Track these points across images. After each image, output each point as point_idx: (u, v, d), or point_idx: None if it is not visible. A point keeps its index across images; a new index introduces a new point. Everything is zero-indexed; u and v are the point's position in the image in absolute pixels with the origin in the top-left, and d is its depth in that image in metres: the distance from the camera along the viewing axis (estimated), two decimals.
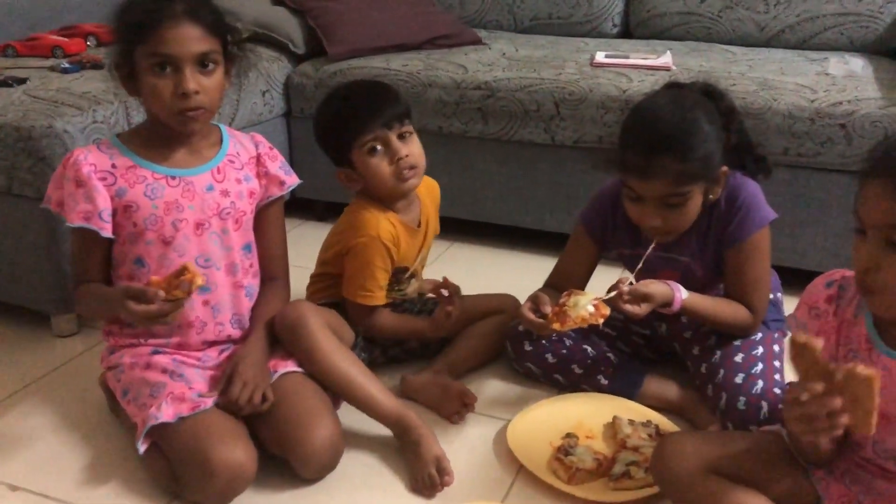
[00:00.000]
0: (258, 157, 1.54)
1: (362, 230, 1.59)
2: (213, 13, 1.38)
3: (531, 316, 1.45)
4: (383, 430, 1.55)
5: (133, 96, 1.43)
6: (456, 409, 1.56)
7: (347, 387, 1.46)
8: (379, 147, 1.58)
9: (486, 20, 2.78)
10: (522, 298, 1.75)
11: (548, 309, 1.43)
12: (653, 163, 1.36)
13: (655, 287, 1.45)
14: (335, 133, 1.61)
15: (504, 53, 2.40)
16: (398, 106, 1.59)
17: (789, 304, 1.69)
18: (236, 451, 1.30)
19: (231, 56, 1.44)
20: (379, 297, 1.62)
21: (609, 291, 1.45)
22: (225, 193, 1.46)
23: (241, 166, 1.51)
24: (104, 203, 1.38)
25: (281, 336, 1.49)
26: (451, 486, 1.39)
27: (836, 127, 1.92)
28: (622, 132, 1.44)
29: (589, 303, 1.40)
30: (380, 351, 1.73)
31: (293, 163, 2.49)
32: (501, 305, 1.79)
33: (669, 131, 1.37)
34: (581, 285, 1.63)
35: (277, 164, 1.56)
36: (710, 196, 1.46)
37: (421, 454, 1.41)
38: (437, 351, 1.73)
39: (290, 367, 1.46)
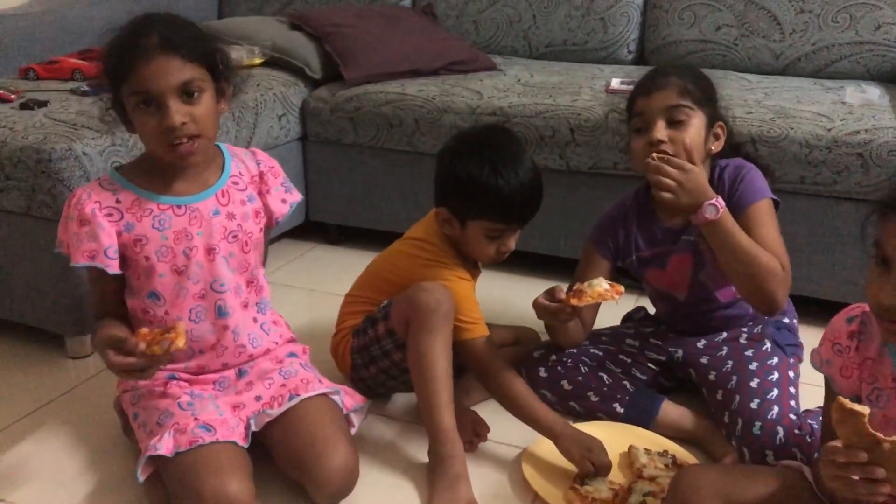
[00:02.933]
0: (260, 175, 1.53)
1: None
2: (193, 39, 1.35)
3: (546, 302, 1.43)
4: (399, 457, 1.54)
5: (133, 133, 1.42)
6: (468, 438, 1.54)
7: (429, 386, 1.44)
8: (499, 235, 1.57)
9: (501, 46, 2.79)
10: (537, 325, 1.75)
11: (563, 296, 1.42)
12: (658, 79, 1.53)
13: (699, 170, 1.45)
14: (473, 199, 1.54)
15: (519, 79, 2.41)
16: (538, 210, 1.59)
17: (804, 333, 1.69)
18: (230, 484, 1.28)
19: (223, 77, 1.41)
20: None
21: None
22: (231, 216, 1.46)
23: (244, 187, 1.50)
24: (109, 240, 1.37)
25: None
26: None
27: (854, 156, 1.91)
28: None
29: (604, 283, 1.41)
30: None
31: (308, 186, 2.51)
32: (520, 337, 1.78)
33: (677, 64, 1.55)
34: (594, 306, 1.64)
35: (279, 181, 1.55)
36: (711, 148, 1.54)
37: (455, 490, 1.40)
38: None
39: (311, 391, 1.44)
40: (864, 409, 0.99)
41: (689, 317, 1.69)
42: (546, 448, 1.51)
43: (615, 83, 2.31)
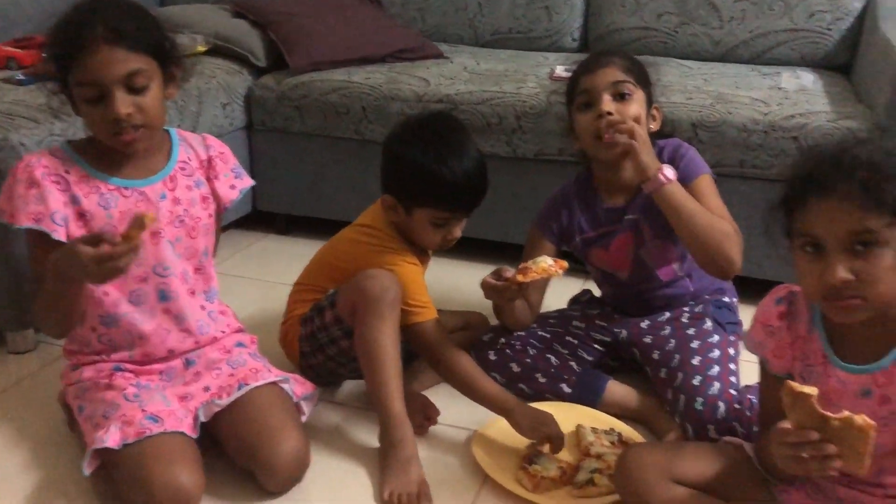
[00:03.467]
0: (210, 160, 1.52)
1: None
2: (139, 28, 1.33)
3: (493, 280, 1.47)
4: (350, 443, 1.55)
5: (80, 116, 1.40)
6: (418, 421, 1.56)
7: (378, 372, 1.45)
8: (443, 223, 1.58)
9: (447, 34, 2.80)
10: (487, 310, 1.77)
11: (509, 274, 1.45)
12: (601, 58, 1.61)
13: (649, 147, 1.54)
14: (417, 187, 1.55)
15: (465, 67, 2.43)
16: (483, 198, 1.60)
17: (744, 311, 1.74)
18: (180, 475, 1.28)
19: (171, 65, 1.40)
20: None
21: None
22: (177, 201, 1.44)
23: (191, 172, 1.49)
24: (56, 205, 1.35)
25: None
26: None
27: (789, 139, 1.97)
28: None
29: (547, 259, 1.46)
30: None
31: (254, 175, 2.45)
32: (469, 322, 1.80)
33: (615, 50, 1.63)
34: (543, 285, 1.69)
35: (229, 167, 1.54)
36: (651, 127, 1.61)
37: (408, 472, 1.41)
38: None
39: (260, 380, 1.44)
40: (813, 391, 1.03)
41: (632, 296, 1.73)
42: (496, 430, 1.54)
43: (560, 70, 2.34)
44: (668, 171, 1.51)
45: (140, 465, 1.28)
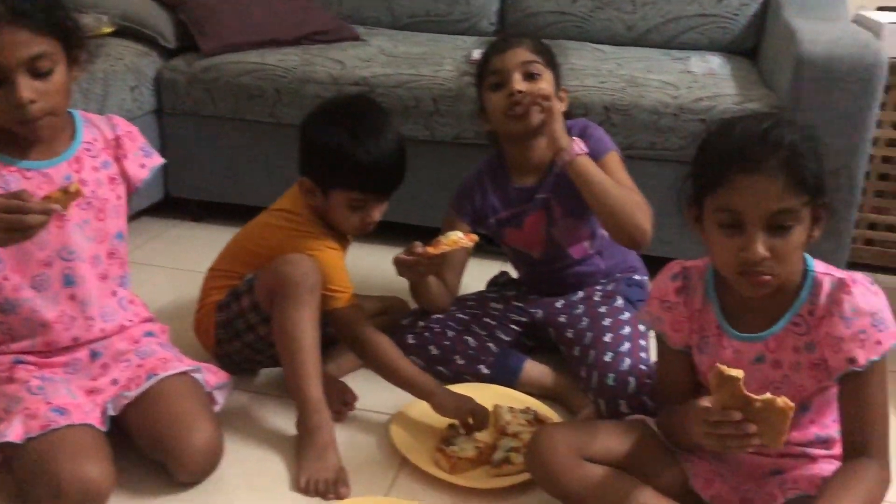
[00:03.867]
0: (117, 140, 1.47)
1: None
2: (42, 8, 1.27)
3: (404, 256, 1.49)
4: (266, 431, 1.53)
5: None
6: (336, 407, 1.55)
7: (296, 359, 1.43)
8: (360, 206, 1.56)
9: (364, 16, 2.76)
10: (407, 295, 1.77)
11: (420, 249, 1.48)
12: (511, 39, 1.64)
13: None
14: (333, 168, 1.53)
15: (383, 50, 2.41)
16: (402, 181, 1.59)
17: None
18: (89, 469, 1.24)
19: (75, 47, 1.35)
20: None
21: None
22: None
23: (97, 153, 1.44)
24: None
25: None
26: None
27: (698, 122, 2.02)
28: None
29: (459, 233, 1.50)
30: None
31: (167, 161, 2.40)
32: (389, 307, 1.80)
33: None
34: (460, 267, 1.74)
35: (138, 146, 1.50)
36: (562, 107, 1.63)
37: (325, 459, 1.40)
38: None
39: (170, 370, 1.40)
40: (739, 373, 1.06)
41: (546, 275, 1.76)
42: (414, 413, 1.54)
43: (477, 54, 2.33)
44: (580, 144, 1.55)
45: (46, 459, 1.23)
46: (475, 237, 1.50)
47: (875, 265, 2.33)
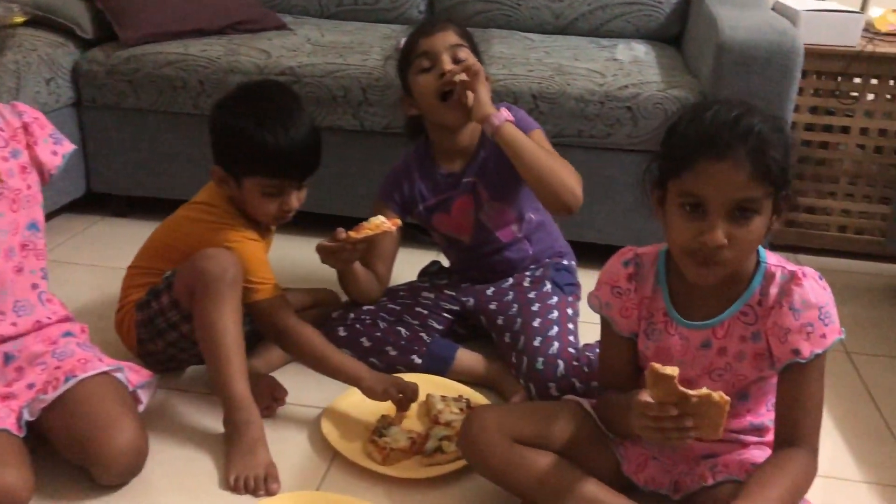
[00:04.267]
0: (25, 127, 1.42)
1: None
2: None
3: (327, 242, 1.49)
4: (194, 430, 1.50)
5: None
6: (266, 403, 1.52)
7: (220, 355, 1.40)
8: (276, 192, 1.52)
9: (291, 5, 2.71)
10: (337, 287, 1.75)
11: (343, 235, 1.48)
12: (437, 22, 1.65)
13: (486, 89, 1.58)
14: (241, 154, 1.50)
15: (309, 39, 2.37)
16: (317, 166, 1.56)
17: (582, 274, 1.81)
18: (6, 474, 1.19)
19: None
20: None
21: None
22: None
23: (5, 142, 1.39)
24: None
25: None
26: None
27: (623, 109, 2.05)
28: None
29: (381, 218, 1.51)
30: None
31: (88, 155, 2.34)
32: (319, 299, 1.77)
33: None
34: (390, 257, 1.73)
35: (47, 132, 1.45)
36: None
37: (255, 455, 1.37)
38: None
39: (90, 370, 1.36)
40: (674, 371, 1.07)
41: (476, 261, 1.77)
42: (345, 405, 1.53)
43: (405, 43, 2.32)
44: (506, 112, 1.57)
45: None
46: (398, 221, 1.52)
47: (797, 246, 2.40)
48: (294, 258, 2.18)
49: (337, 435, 1.45)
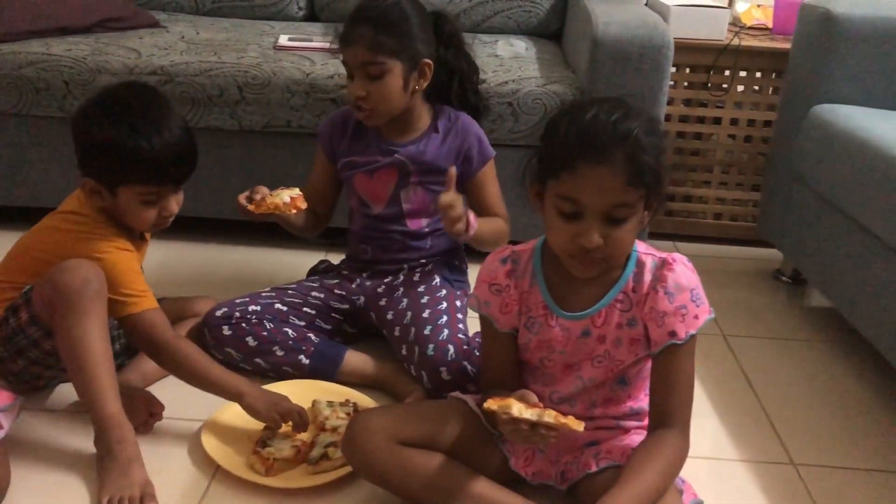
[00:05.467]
0: None
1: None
2: None
3: (241, 201, 1.56)
4: (64, 453, 1.41)
5: None
6: (142, 418, 1.45)
7: (87, 373, 1.32)
8: (154, 199, 1.44)
9: (164, 2, 2.61)
10: (226, 293, 1.69)
11: (248, 199, 1.54)
12: (353, 30, 1.58)
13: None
14: (117, 165, 1.40)
15: (183, 37, 2.28)
16: (194, 168, 1.48)
17: (471, 270, 1.81)
18: None
19: None
20: None
21: None
22: None
23: None
24: None
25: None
26: None
27: (505, 105, 2.06)
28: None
29: (289, 195, 1.55)
30: None
31: None
32: (199, 308, 1.70)
33: (373, 6, 1.58)
34: (329, 200, 1.79)
35: None
36: (416, 87, 1.63)
37: (129, 475, 1.30)
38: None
39: None
40: (492, 405, 1.14)
41: (376, 232, 1.76)
42: (226, 417, 1.47)
43: (283, 40, 2.27)
44: (472, 219, 1.54)
45: None
46: (302, 206, 1.55)
47: (676, 234, 2.48)
48: (173, 265, 2.10)
49: (218, 448, 1.40)
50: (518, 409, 1.13)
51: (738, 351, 1.89)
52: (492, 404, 1.14)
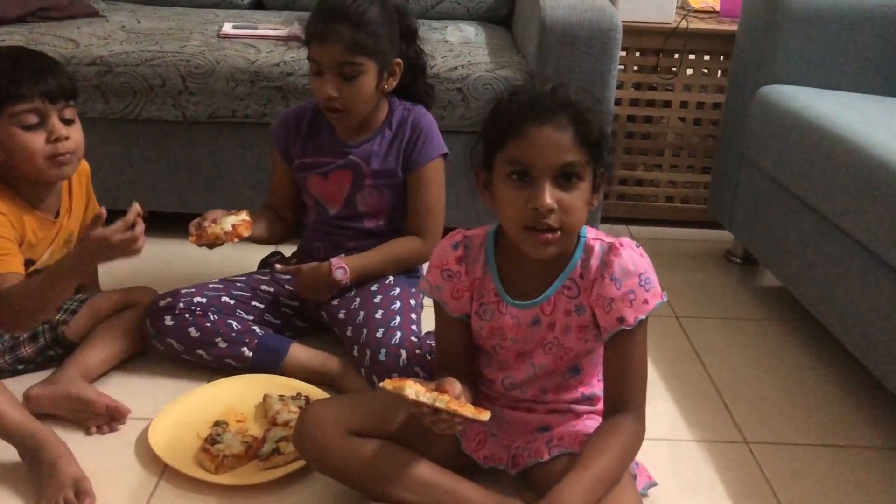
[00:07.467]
0: None
1: None
2: None
3: (190, 226, 1.54)
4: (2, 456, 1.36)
5: None
6: (105, 422, 1.42)
7: None
8: (36, 120, 1.37)
9: None
10: (168, 286, 1.65)
11: (193, 229, 1.54)
12: (329, 28, 1.52)
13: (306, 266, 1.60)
14: None
15: (124, 26, 2.22)
16: (66, 81, 1.41)
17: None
18: None
19: None
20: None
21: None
22: None
23: None
24: None
25: None
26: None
27: (455, 91, 2.04)
28: (313, 10, 1.58)
29: (232, 223, 1.53)
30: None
31: None
32: (134, 299, 1.65)
33: (347, 4, 1.53)
34: (289, 202, 1.76)
35: None
36: (385, 86, 1.61)
37: (57, 475, 1.25)
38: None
39: None
40: (387, 385, 1.13)
41: (331, 231, 1.73)
42: (174, 414, 1.44)
43: (228, 28, 2.22)
44: (339, 267, 1.60)
45: None
46: (244, 234, 1.54)
47: (627, 218, 2.50)
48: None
49: (166, 446, 1.36)
50: (414, 391, 1.12)
51: (690, 332, 1.90)
52: (387, 384, 1.13)
